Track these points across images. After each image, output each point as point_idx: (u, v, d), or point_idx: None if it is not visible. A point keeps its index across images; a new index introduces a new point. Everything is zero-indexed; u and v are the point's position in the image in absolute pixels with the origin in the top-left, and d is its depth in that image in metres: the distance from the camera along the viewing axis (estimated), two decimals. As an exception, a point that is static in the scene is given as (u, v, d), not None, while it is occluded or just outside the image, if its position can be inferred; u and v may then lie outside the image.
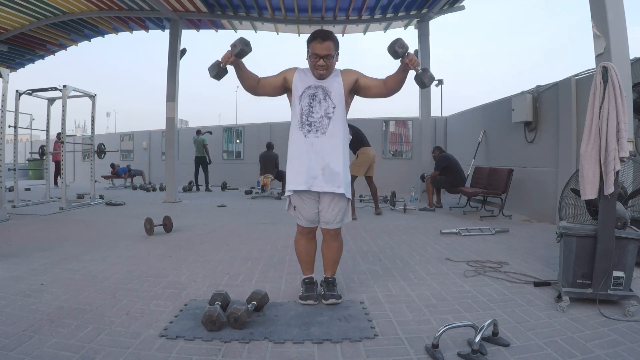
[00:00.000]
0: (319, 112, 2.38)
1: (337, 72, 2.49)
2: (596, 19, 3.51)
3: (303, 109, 2.39)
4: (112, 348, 1.89)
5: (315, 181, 2.38)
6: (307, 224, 2.51)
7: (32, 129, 8.77)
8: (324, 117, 2.38)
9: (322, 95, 2.39)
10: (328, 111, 2.39)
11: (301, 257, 2.61)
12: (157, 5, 7.55)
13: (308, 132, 2.39)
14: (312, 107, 2.39)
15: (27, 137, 20.56)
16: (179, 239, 4.43)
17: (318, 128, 2.38)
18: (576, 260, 2.45)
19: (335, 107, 2.39)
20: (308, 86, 2.42)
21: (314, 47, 2.37)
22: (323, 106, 2.38)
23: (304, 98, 2.40)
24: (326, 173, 2.37)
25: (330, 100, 2.39)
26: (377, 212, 6.42)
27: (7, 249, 3.88)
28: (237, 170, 12.96)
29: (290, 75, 2.48)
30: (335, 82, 2.44)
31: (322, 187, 2.38)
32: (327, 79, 2.45)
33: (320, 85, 2.41)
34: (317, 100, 2.39)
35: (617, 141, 2.33)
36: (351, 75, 2.48)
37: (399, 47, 2.21)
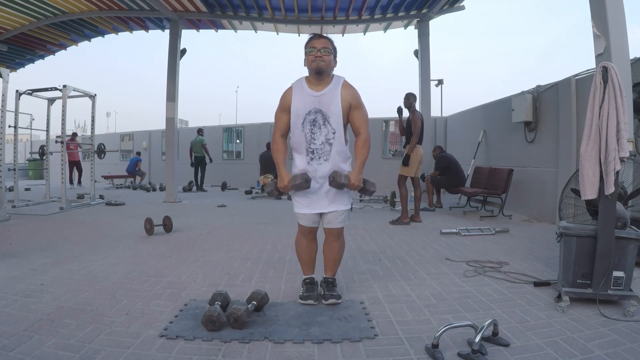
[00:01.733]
0: (319, 138, 2.40)
1: (337, 83, 2.42)
2: (596, 19, 3.51)
3: (307, 135, 2.41)
4: (112, 348, 1.89)
5: (320, 203, 2.46)
6: (309, 224, 2.52)
7: (32, 129, 8.77)
8: (325, 144, 2.40)
9: (321, 120, 2.39)
10: (328, 137, 2.40)
11: (302, 258, 2.62)
12: (157, 5, 7.55)
13: (311, 159, 2.42)
14: (314, 133, 2.40)
15: (27, 137, 20.56)
16: (179, 239, 4.43)
17: (320, 155, 2.41)
18: (576, 260, 2.45)
19: (335, 132, 2.40)
20: (308, 112, 2.39)
21: (311, 43, 2.39)
22: (323, 132, 2.39)
23: (306, 125, 2.40)
24: (329, 195, 2.44)
25: (330, 125, 2.39)
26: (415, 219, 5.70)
27: (7, 249, 3.88)
28: (237, 170, 12.96)
29: (288, 100, 2.43)
30: (333, 103, 2.37)
31: (327, 208, 2.46)
32: (326, 94, 2.38)
33: (319, 110, 2.38)
34: (317, 126, 2.39)
35: (617, 141, 2.33)
36: (350, 98, 2.41)
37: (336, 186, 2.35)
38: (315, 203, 2.46)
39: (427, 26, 8.59)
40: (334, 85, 2.41)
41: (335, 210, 2.47)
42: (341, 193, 2.46)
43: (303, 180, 2.33)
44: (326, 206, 2.46)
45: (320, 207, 2.46)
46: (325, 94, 2.39)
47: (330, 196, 2.44)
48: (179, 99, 8.53)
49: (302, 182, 2.33)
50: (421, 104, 8.62)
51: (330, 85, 2.41)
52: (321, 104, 2.38)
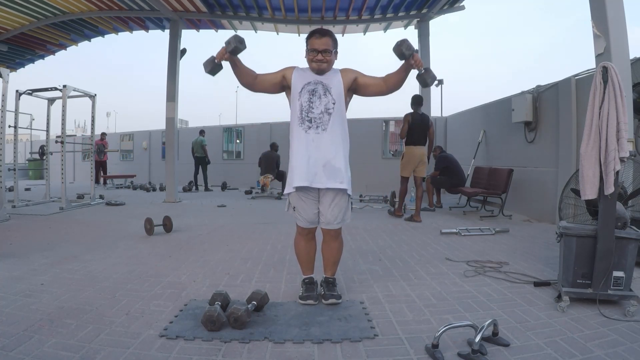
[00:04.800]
0: (319, 107, 2.37)
1: (336, 70, 2.49)
2: (596, 19, 3.51)
3: (303, 104, 2.39)
4: (112, 348, 1.89)
5: (317, 177, 2.36)
6: (306, 225, 2.51)
7: (32, 129, 8.76)
8: (324, 113, 2.38)
9: (322, 90, 2.39)
10: (328, 106, 2.38)
11: (301, 258, 2.61)
12: (157, 5, 7.55)
13: (308, 128, 2.38)
14: (312, 102, 2.38)
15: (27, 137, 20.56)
16: (179, 239, 4.43)
17: (319, 124, 2.37)
18: (576, 260, 2.45)
19: (335, 102, 2.39)
20: (307, 82, 2.41)
21: (312, 43, 2.39)
22: (323, 101, 2.37)
23: (304, 94, 2.39)
24: (327, 169, 2.35)
25: (331, 95, 2.39)
26: (415, 219, 5.65)
27: (7, 249, 3.88)
28: (237, 170, 12.96)
29: (289, 72, 2.48)
30: (335, 79, 2.44)
31: (324, 184, 2.36)
32: (326, 75, 2.45)
33: (319, 81, 2.41)
34: (316, 95, 2.38)
35: (617, 141, 2.33)
36: (350, 74, 2.49)
37: (406, 49, 2.24)
38: (312, 175, 2.34)
39: (427, 26, 8.58)
40: (333, 71, 2.48)
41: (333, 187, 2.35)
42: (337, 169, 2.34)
43: (236, 41, 2.23)
44: (323, 182, 2.34)
45: (318, 181, 2.34)
46: (326, 76, 2.45)
47: (328, 171, 2.35)
48: (179, 99, 8.54)
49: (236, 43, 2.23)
50: (421, 104, 8.62)
51: (330, 73, 2.47)
52: (322, 78, 2.43)
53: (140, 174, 14.26)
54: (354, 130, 2.70)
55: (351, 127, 2.61)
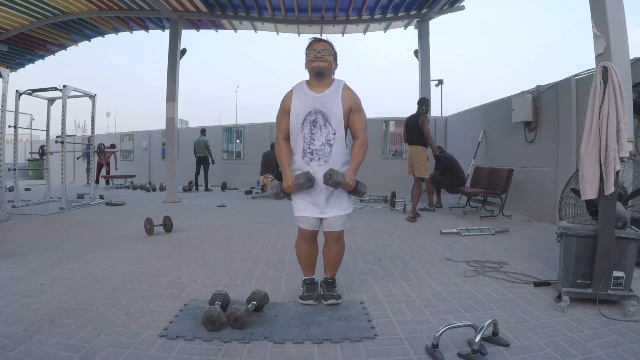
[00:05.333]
0: (320, 139, 2.38)
1: (337, 87, 2.43)
2: (596, 19, 3.51)
3: (306, 136, 2.39)
4: (112, 348, 1.89)
5: (321, 208, 2.43)
6: (309, 227, 2.51)
7: (32, 129, 8.77)
8: (325, 145, 2.38)
9: (322, 121, 2.37)
10: (329, 138, 2.38)
11: (302, 260, 2.61)
12: (157, 5, 7.55)
13: (310, 160, 2.40)
14: (314, 134, 2.38)
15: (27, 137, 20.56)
16: (179, 239, 4.43)
17: (320, 156, 2.39)
18: (576, 260, 2.45)
19: (336, 133, 2.38)
20: (308, 112, 2.38)
21: (311, 46, 2.40)
22: (324, 133, 2.37)
23: (305, 125, 2.38)
24: (331, 200, 2.42)
25: (330, 126, 2.38)
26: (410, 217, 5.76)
27: (7, 249, 3.88)
28: (237, 170, 12.96)
29: (288, 103, 2.43)
30: (334, 105, 2.37)
31: (329, 213, 2.44)
32: (327, 96, 2.38)
33: (319, 111, 2.37)
34: (317, 127, 2.38)
35: (617, 141, 2.33)
36: (351, 101, 2.41)
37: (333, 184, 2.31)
38: (314, 207, 2.43)
39: (427, 26, 8.59)
40: (334, 87, 2.42)
41: (334, 215, 2.45)
42: (340, 197, 2.44)
43: (305, 179, 2.31)
44: (325, 211, 2.43)
45: (319, 212, 2.43)
46: (326, 95, 2.39)
47: (330, 201, 2.42)
48: (179, 99, 8.54)
49: (304, 180, 2.31)
50: (421, 104, 8.62)
51: (331, 87, 2.41)
52: (322, 105, 2.37)
53: (140, 174, 14.25)
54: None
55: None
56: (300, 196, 2.45)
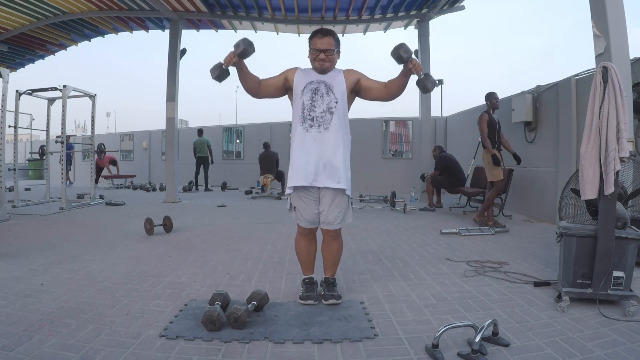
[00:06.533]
0: (321, 106, 2.37)
1: (338, 70, 2.50)
2: (596, 19, 3.50)
3: (305, 103, 2.38)
4: (112, 348, 1.89)
5: (317, 176, 2.36)
6: (307, 225, 2.51)
7: (32, 129, 8.76)
8: (326, 112, 2.37)
9: (324, 89, 2.38)
10: (330, 105, 2.37)
11: (301, 258, 2.61)
12: (157, 5, 7.55)
13: (310, 126, 2.37)
14: (314, 101, 2.37)
15: (27, 137, 20.55)
16: (179, 239, 4.42)
17: (320, 123, 2.36)
18: (576, 260, 2.45)
19: (338, 101, 2.38)
20: (310, 81, 2.41)
21: (314, 43, 2.39)
22: (325, 100, 2.37)
23: (306, 92, 2.39)
24: (327, 168, 2.36)
25: (333, 94, 2.39)
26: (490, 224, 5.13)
27: (7, 249, 3.88)
28: (237, 170, 12.95)
29: (291, 74, 2.48)
30: (337, 78, 2.44)
31: (324, 183, 2.36)
32: (329, 74, 2.45)
33: (322, 80, 2.41)
34: (319, 94, 2.38)
35: (617, 141, 2.33)
36: (353, 75, 2.48)
37: (403, 52, 2.22)
38: (312, 174, 2.34)
39: (427, 26, 8.57)
40: (336, 71, 2.48)
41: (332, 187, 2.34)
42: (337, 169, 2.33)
43: (245, 43, 2.22)
44: (323, 181, 2.34)
45: (317, 180, 2.34)
46: (329, 75, 2.45)
47: (328, 170, 2.35)
48: (179, 99, 8.53)
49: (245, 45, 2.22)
50: (421, 104, 8.62)
51: (333, 72, 2.47)
52: (324, 77, 2.43)
53: (140, 174, 14.25)
54: (354, 130, 2.69)
55: (351, 127, 2.59)
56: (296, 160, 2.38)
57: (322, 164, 2.35)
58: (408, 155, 13.31)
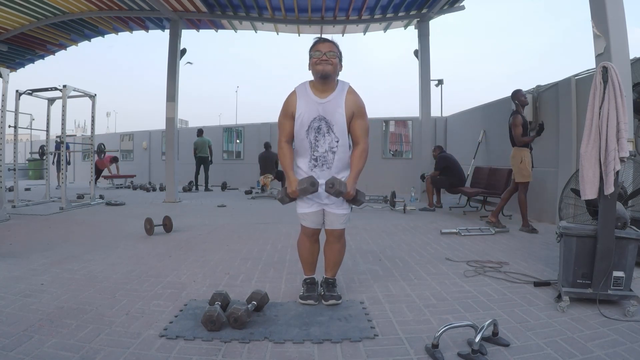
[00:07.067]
0: (323, 146, 2.39)
1: (342, 89, 2.38)
2: (596, 19, 3.50)
3: (312, 142, 2.39)
4: (112, 348, 1.89)
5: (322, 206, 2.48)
6: (312, 225, 2.53)
7: (32, 129, 8.77)
8: (328, 152, 2.39)
9: (325, 128, 2.36)
10: (332, 145, 2.39)
11: (304, 258, 2.62)
12: (157, 5, 7.55)
13: (314, 166, 2.42)
14: (317, 140, 2.39)
15: (27, 137, 20.55)
16: (179, 239, 4.42)
17: (323, 163, 2.41)
18: (576, 260, 2.45)
19: (339, 140, 2.38)
20: (313, 119, 2.36)
21: (316, 47, 2.35)
22: (327, 140, 2.38)
23: (311, 132, 2.38)
24: (332, 198, 2.43)
25: (333, 134, 2.37)
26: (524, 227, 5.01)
27: (7, 249, 3.88)
28: (237, 170, 12.96)
29: (291, 106, 2.39)
30: (337, 112, 2.35)
31: (330, 207, 2.47)
32: (331, 101, 2.34)
33: (323, 118, 2.35)
34: (321, 134, 2.38)
35: (617, 141, 2.33)
36: (354, 107, 2.38)
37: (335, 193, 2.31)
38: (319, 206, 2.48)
39: (427, 26, 8.58)
40: (338, 91, 2.36)
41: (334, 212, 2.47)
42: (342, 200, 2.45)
43: (309, 183, 2.30)
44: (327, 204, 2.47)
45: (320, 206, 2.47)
46: (329, 101, 2.34)
47: (332, 199, 2.44)
48: (179, 99, 8.53)
49: (307, 185, 2.30)
50: (421, 104, 8.63)
51: (335, 91, 2.36)
52: (325, 112, 2.35)
53: (140, 174, 14.25)
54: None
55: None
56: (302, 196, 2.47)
57: (325, 197, 2.43)
58: (408, 155, 13.32)
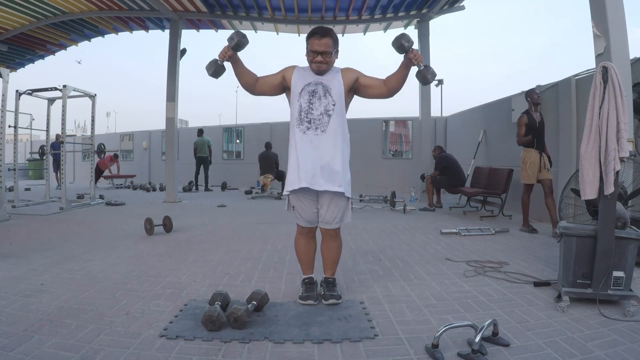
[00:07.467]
0: (318, 109, 2.36)
1: (336, 69, 2.49)
2: (596, 19, 3.51)
3: (302, 105, 2.38)
4: (112, 348, 1.89)
5: (314, 179, 2.34)
6: (306, 224, 2.52)
7: (32, 129, 8.77)
8: (323, 115, 2.36)
9: (322, 91, 2.38)
10: (328, 108, 2.37)
11: (301, 257, 2.62)
12: (157, 5, 7.55)
13: (307, 129, 2.37)
14: (312, 103, 2.37)
15: (27, 137, 20.55)
16: (179, 239, 4.42)
17: (318, 125, 2.36)
18: (576, 260, 2.45)
19: (335, 104, 2.38)
20: (307, 83, 2.41)
21: (312, 44, 2.35)
22: (323, 103, 2.36)
23: (304, 95, 2.39)
24: (325, 171, 2.34)
25: (331, 97, 2.38)
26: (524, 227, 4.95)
27: (7, 249, 3.88)
28: (237, 170, 12.96)
29: (289, 73, 2.47)
30: (335, 79, 2.43)
31: (322, 186, 2.34)
32: (327, 75, 2.44)
33: (320, 82, 2.40)
34: (316, 97, 2.37)
35: (617, 141, 2.33)
36: (351, 73, 2.47)
37: (405, 41, 2.23)
38: (310, 177, 2.31)
39: (427, 26, 8.58)
40: (334, 70, 2.47)
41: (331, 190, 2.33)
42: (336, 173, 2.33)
43: (238, 35, 2.24)
44: (321, 184, 2.32)
45: (316, 183, 2.32)
46: (326, 76, 2.43)
47: (325, 173, 2.34)
48: (179, 99, 8.53)
49: (238, 38, 2.24)
50: (421, 104, 8.63)
51: (330, 73, 2.45)
52: (322, 79, 2.42)
53: (140, 174, 14.26)
54: (354, 130, 2.69)
55: (351, 127, 2.61)
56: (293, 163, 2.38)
57: (319, 166, 2.33)
58: (408, 155, 13.31)
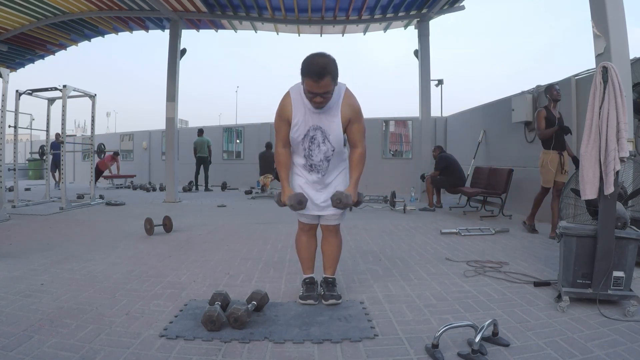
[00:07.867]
0: (318, 155, 2.40)
1: (339, 93, 2.32)
2: (596, 19, 3.50)
3: (306, 149, 2.42)
4: (112, 348, 1.89)
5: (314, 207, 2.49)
6: (308, 221, 2.56)
7: (32, 129, 8.77)
8: (323, 161, 2.43)
9: (320, 138, 2.37)
10: (327, 155, 2.41)
11: (302, 255, 2.63)
12: (157, 5, 7.55)
13: (310, 171, 2.47)
14: (312, 150, 2.40)
15: (27, 137, 20.55)
16: (179, 239, 4.42)
17: (319, 170, 2.45)
18: (576, 260, 2.45)
19: (334, 149, 2.41)
20: (308, 128, 2.35)
21: (309, 85, 2.16)
22: (322, 150, 2.39)
23: (306, 141, 2.39)
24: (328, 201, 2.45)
25: (329, 143, 2.38)
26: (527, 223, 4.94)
27: (7, 249, 3.88)
28: (237, 170, 12.96)
29: (287, 111, 2.35)
30: (334, 122, 2.33)
31: (322, 211, 2.49)
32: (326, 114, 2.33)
33: (318, 127, 2.34)
34: (315, 144, 2.38)
35: (617, 141, 2.33)
36: (350, 113, 2.35)
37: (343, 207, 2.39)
38: (312, 205, 2.48)
39: (427, 26, 8.58)
40: (334, 99, 2.31)
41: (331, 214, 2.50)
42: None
43: (296, 201, 2.37)
44: (322, 209, 2.49)
45: (316, 210, 2.49)
46: (324, 111, 2.31)
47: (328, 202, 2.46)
48: (179, 99, 8.53)
49: (295, 203, 2.37)
50: (421, 104, 8.63)
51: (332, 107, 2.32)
52: (321, 121, 2.33)
53: (140, 174, 14.26)
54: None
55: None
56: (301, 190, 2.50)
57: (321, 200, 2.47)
58: (408, 155, 13.32)
